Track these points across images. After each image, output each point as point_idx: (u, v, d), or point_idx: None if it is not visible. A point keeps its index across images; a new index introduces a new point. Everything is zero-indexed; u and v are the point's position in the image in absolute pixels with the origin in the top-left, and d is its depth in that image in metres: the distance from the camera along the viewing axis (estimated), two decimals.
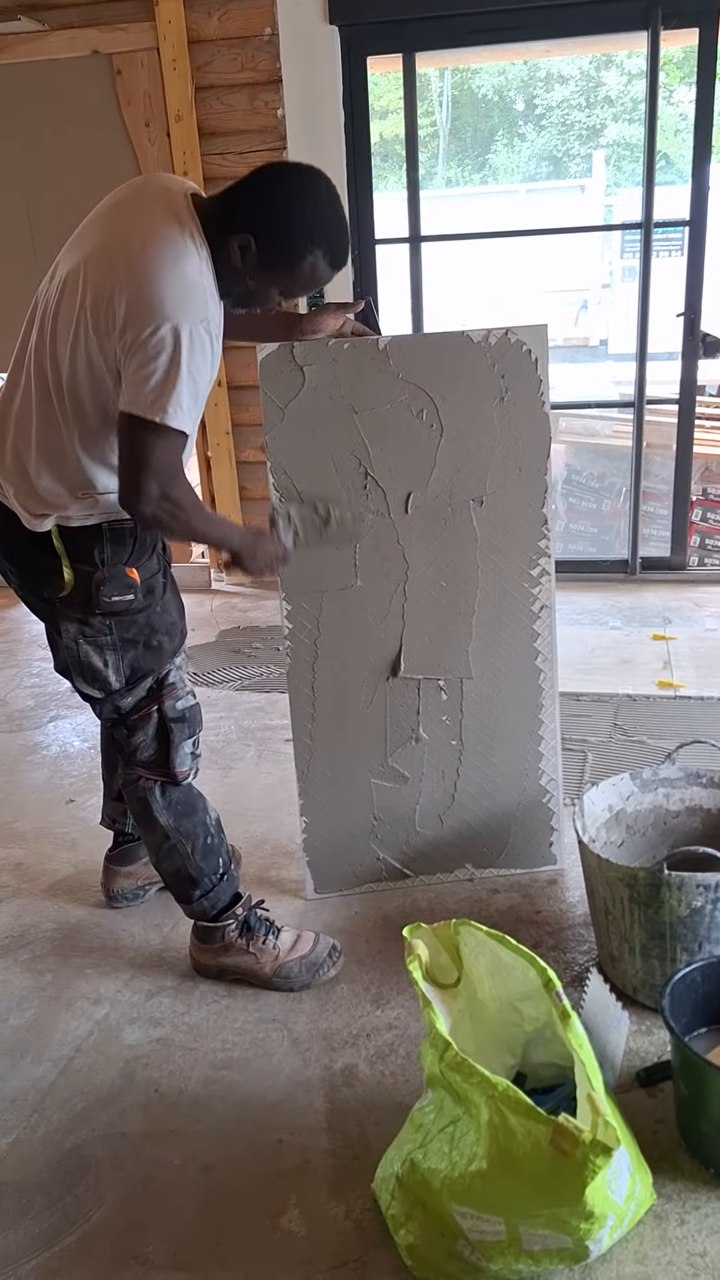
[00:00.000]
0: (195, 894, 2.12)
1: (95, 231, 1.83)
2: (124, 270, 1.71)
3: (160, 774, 2.07)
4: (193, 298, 1.70)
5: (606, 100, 17.07)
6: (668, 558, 4.60)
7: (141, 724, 2.04)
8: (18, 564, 2.00)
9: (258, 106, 3.98)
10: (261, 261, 1.78)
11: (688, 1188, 1.65)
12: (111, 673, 1.98)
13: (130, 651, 1.98)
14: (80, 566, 1.91)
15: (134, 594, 1.94)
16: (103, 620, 1.94)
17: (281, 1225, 1.65)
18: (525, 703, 2.42)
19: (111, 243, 1.77)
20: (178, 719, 2.05)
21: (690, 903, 1.87)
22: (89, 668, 1.98)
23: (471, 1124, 1.47)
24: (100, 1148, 1.81)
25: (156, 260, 1.70)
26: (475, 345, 2.19)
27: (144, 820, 2.10)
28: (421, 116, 4.12)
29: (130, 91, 4.01)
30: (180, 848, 2.09)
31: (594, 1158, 1.31)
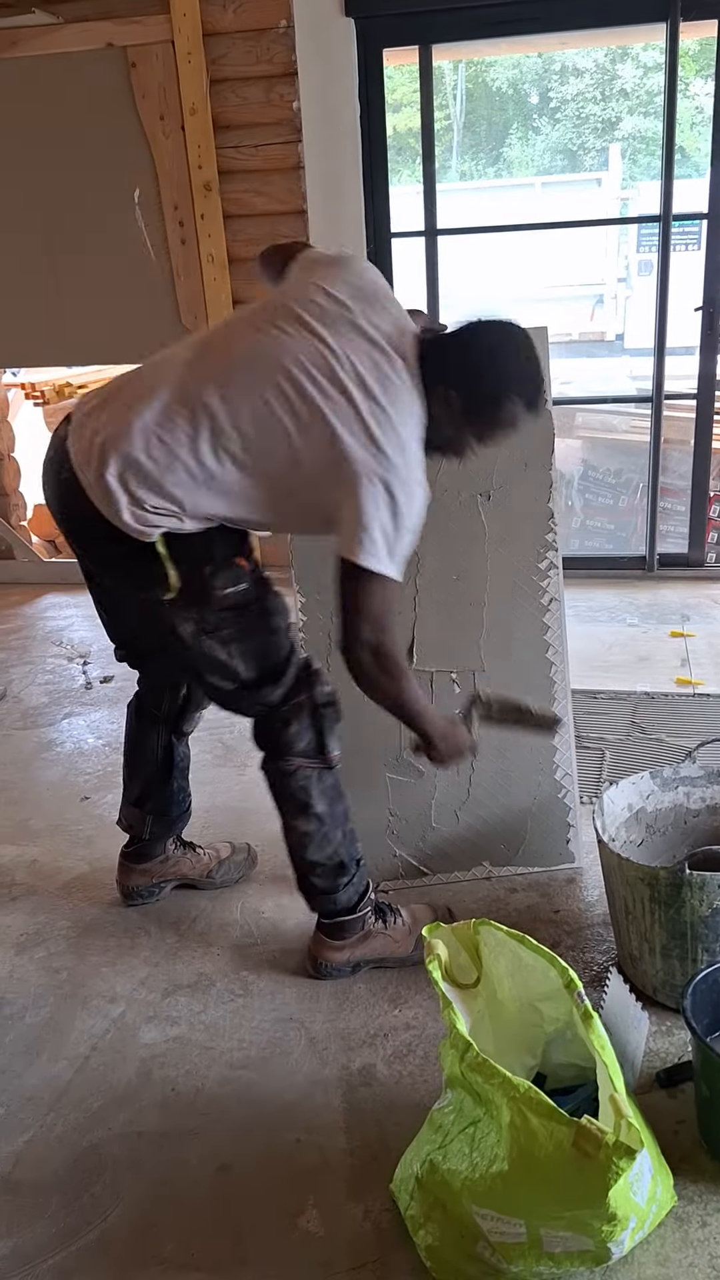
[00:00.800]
0: (343, 881, 2.12)
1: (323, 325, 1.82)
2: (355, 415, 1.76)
3: (318, 761, 2.07)
4: (414, 459, 1.80)
5: (622, 93, 16.98)
6: (686, 554, 4.57)
7: (295, 713, 2.03)
8: (118, 570, 1.98)
9: (273, 99, 3.96)
10: (464, 411, 1.86)
11: (709, 1189, 1.63)
12: (239, 663, 1.98)
13: (254, 639, 1.98)
14: (184, 567, 1.89)
15: (246, 583, 1.94)
16: (219, 614, 1.93)
17: (300, 1225, 1.64)
18: (537, 696, 2.40)
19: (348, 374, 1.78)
20: (327, 703, 2.06)
21: (712, 903, 1.85)
22: (214, 661, 1.97)
23: (492, 1125, 1.46)
24: (117, 1147, 1.80)
25: (386, 415, 1.77)
26: None
27: (299, 811, 2.08)
28: (436, 109, 4.09)
29: (145, 85, 4.00)
30: (333, 835, 2.10)
31: (617, 1159, 1.30)
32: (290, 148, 4.03)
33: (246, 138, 4.04)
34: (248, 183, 4.10)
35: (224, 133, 4.03)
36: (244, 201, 4.13)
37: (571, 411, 5.43)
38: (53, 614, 4.51)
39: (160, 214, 4.17)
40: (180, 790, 2.42)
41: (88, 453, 1.85)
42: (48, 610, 4.57)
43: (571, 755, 2.45)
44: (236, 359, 1.83)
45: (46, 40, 4.00)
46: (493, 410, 1.86)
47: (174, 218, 4.15)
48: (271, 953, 2.28)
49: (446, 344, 1.87)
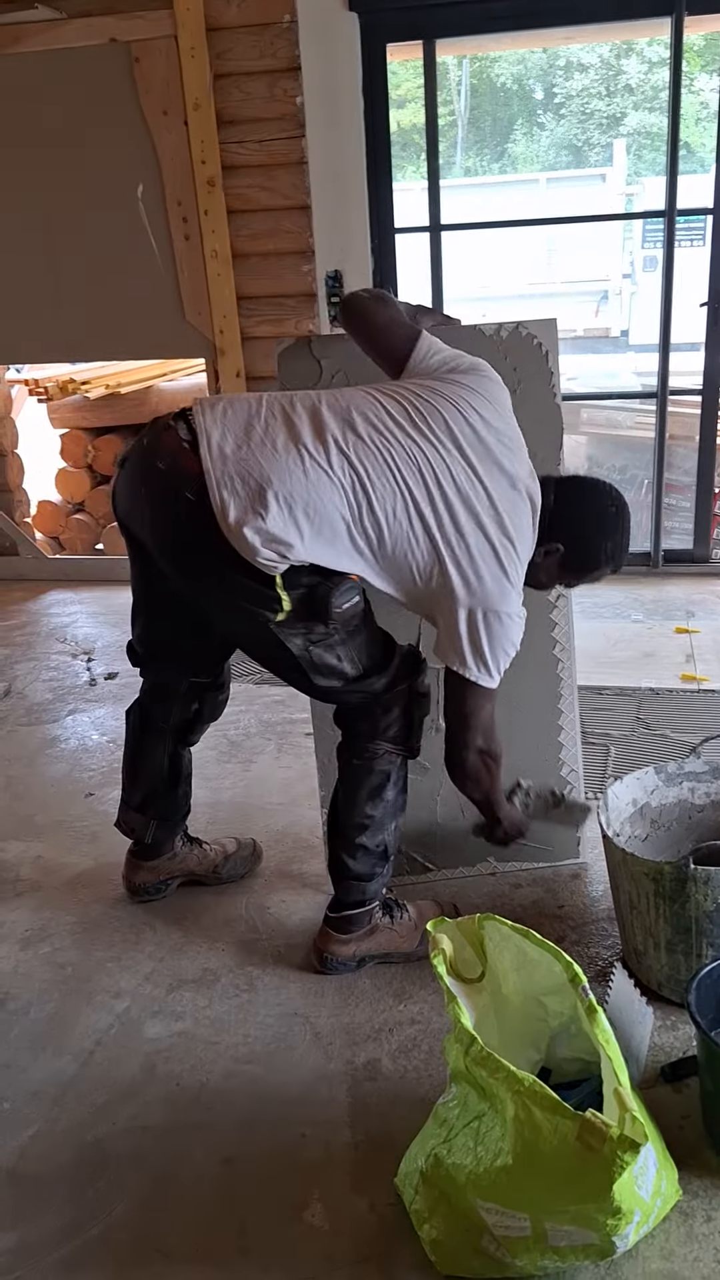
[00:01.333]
0: (381, 870, 2.15)
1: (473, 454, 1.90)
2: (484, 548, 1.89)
3: (404, 748, 2.10)
4: (517, 590, 1.95)
5: (627, 89, 16.95)
6: (690, 550, 4.56)
7: (396, 701, 2.06)
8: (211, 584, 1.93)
9: (276, 94, 3.96)
10: (563, 566, 2.06)
11: (714, 1184, 1.63)
12: (347, 664, 2.00)
13: (357, 639, 2.00)
14: (297, 591, 1.88)
15: (358, 595, 1.96)
16: (331, 625, 1.94)
17: (304, 1219, 1.64)
18: (544, 693, 2.42)
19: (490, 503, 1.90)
20: (424, 694, 2.10)
21: (716, 897, 1.85)
22: (324, 666, 1.98)
23: (497, 1119, 1.46)
24: (122, 1141, 1.81)
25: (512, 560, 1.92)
26: (487, 338, 2.23)
27: (372, 794, 2.10)
28: (440, 105, 4.09)
29: (148, 80, 3.99)
30: (388, 822, 2.13)
31: (622, 1153, 1.29)
32: (294, 143, 4.02)
33: (250, 133, 4.04)
34: (251, 178, 4.09)
35: (227, 128, 4.02)
36: (248, 197, 4.12)
37: (576, 408, 5.42)
38: (56, 610, 4.51)
39: (164, 209, 4.16)
40: (185, 795, 2.42)
41: (231, 480, 1.81)
42: (51, 607, 4.57)
43: (578, 751, 2.45)
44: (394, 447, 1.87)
45: (49, 36, 4.00)
46: (589, 571, 2.08)
47: (177, 213, 4.14)
48: (277, 948, 2.28)
49: (563, 504, 2.01)
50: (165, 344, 4.52)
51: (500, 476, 1.91)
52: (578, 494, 2.05)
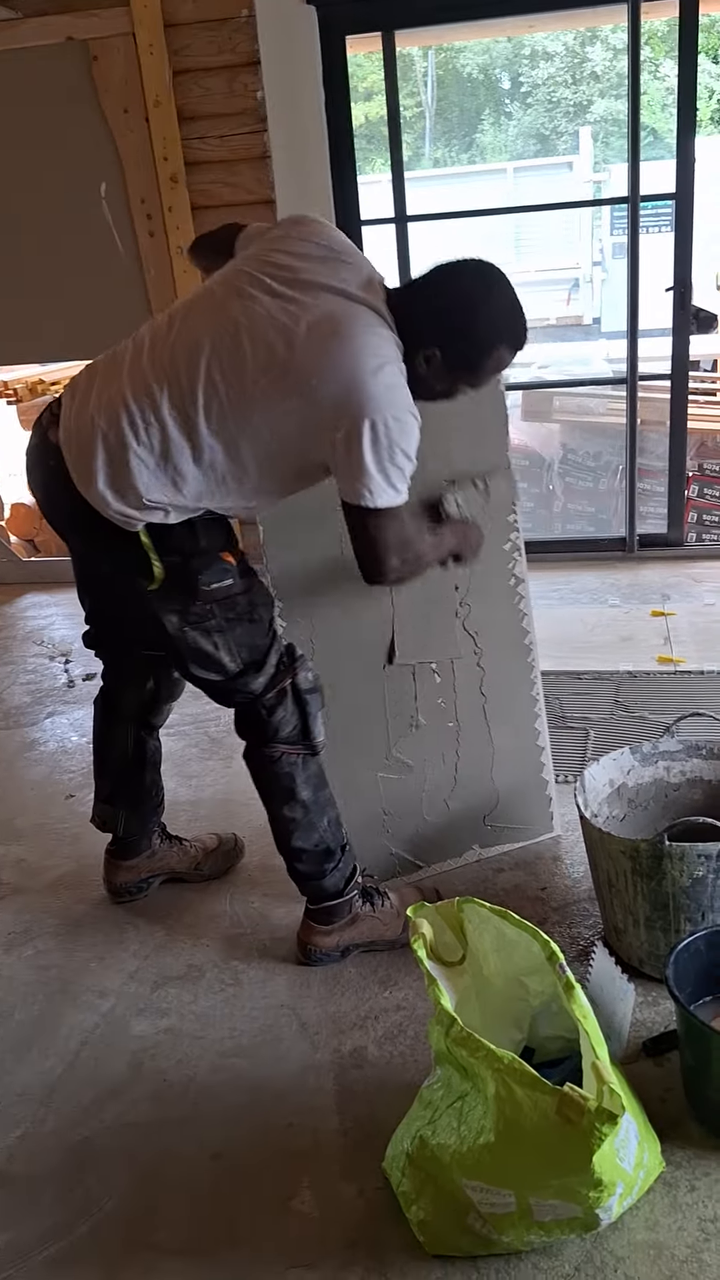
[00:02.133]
0: (329, 867, 2.12)
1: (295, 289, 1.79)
2: (338, 366, 1.73)
3: (302, 747, 2.07)
4: (398, 391, 1.77)
5: (593, 76, 16.98)
6: (665, 534, 4.57)
7: (279, 700, 2.03)
8: (104, 558, 1.99)
9: (236, 89, 3.95)
10: (447, 367, 1.85)
11: (697, 1155, 1.65)
12: (225, 655, 1.97)
13: (237, 629, 1.97)
14: (170, 559, 1.89)
15: (231, 578, 1.94)
16: (204, 606, 1.93)
17: (293, 1207, 1.64)
18: (515, 676, 2.45)
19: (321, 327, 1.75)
20: (311, 689, 2.07)
21: (692, 873, 1.86)
22: (200, 653, 1.97)
23: (479, 1098, 1.47)
24: (110, 1139, 1.81)
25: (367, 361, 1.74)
26: None
27: (284, 797, 2.08)
28: (407, 97, 4.10)
29: (107, 78, 3.98)
30: (318, 820, 2.10)
31: (600, 1125, 1.31)
32: (256, 137, 4.01)
33: (211, 129, 4.02)
34: (215, 174, 4.08)
35: (189, 124, 4.01)
36: (212, 193, 4.11)
37: (549, 396, 5.43)
38: (33, 613, 4.50)
39: (127, 207, 4.15)
40: (153, 784, 2.41)
41: (74, 440, 1.83)
42: (28, 610, 4.56)
43: (544, 722, 2.53)
44: (204, 332, 1.81)
45: (6, 35, 3.98)
46: (480, 361, 1.86)
47: (141, 211, 4.13)
48: (261, 941, 2.28)
49: (417, 301, 1.83)
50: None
51: (328, 295, 1.78)
52: (437, 284, 1.85)
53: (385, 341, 1.79)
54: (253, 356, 1.76)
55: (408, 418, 1.77)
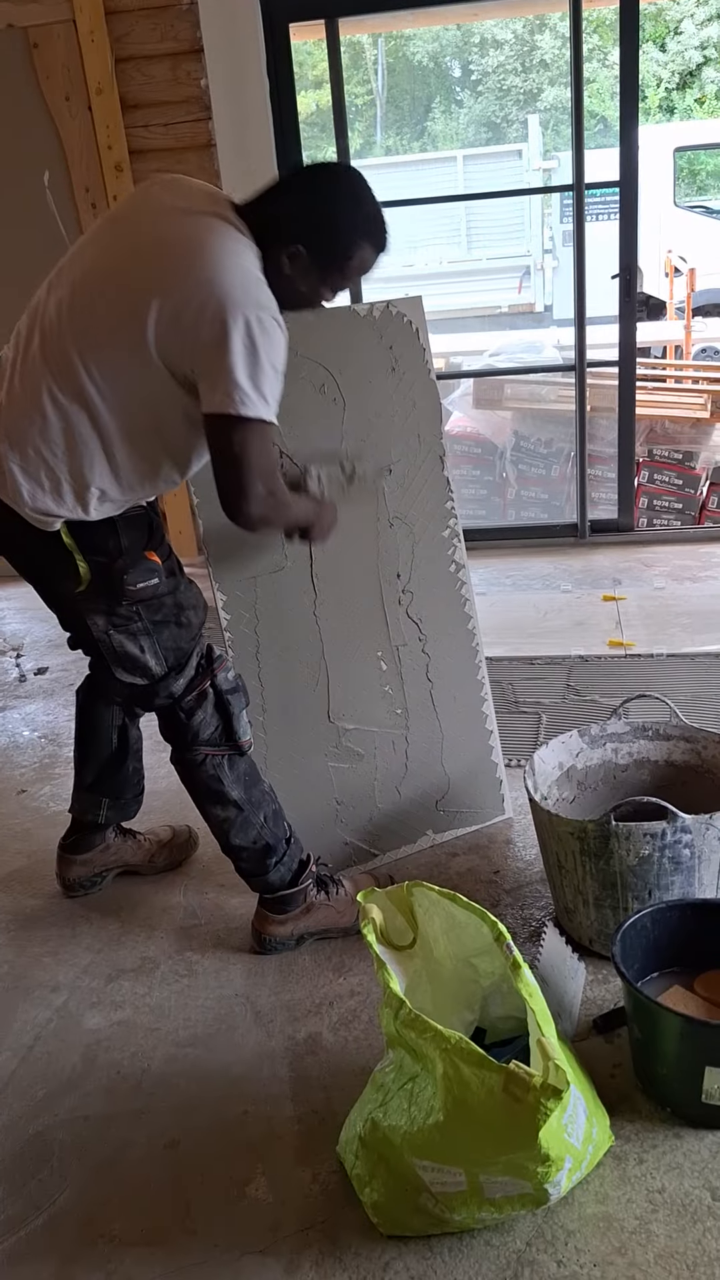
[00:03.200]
0: (272, 862, 2.11)
1: (130, 231, 1.78)
2: (187, 271, 1.69)
3: (227, 747, 2.05)
4: (260, 290, 1.71)
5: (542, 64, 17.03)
6: (616, 520, 4.60)
7: (199, 703, 2.01)
8: (30, 562, 1.96)
9: (180, 77, 3.91)
10: (313, 264, 1.80)
11: (645, 1128, 1.67)
12: (150, 658, 1.95)
13: (164, 632, 1.95)
14: (95, 559, 1.86)
15: (157, 577, 1.91)
16: (130, 607, 1.90)
17: (249, 1194, 1.65)
18: (460, 661, 2.47)
19: (163, 243, 1.72)
20: (232, 690, 2.04)
21: (639, 852, 1.89)
22: (126, 657, 1.94)
23: (428, 1079, 1.48)
24: (64, 1132, 1.80)
25: (219, 259, 1.69)
26: (362, 319, 2.28)
27: (215, 798, 2.07)
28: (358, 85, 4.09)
29: (48, 66, 3.93)
30: (253, 818, 2.08)
31: (545, 1100, 1.32)
32: (201, 125, 3.98)
33: (155, 116, 3.99)
34: (160, 162, 4.04)
35: (132, 112, 3.97)
36: None
37: (500, 383, 5.45)
38: None
39: (72, 196, 4.10)
40: (135, 772, 2.40)
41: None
42: None
43: (491, 706, 2.55)
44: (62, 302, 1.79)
45: None
46: (344, 258, 1.83)
47: (86, 200, 4.09)
48: (216, 932, 2.28)
49: (276, 200, 1.80)
50: None
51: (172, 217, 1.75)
52: (286, 185, 1.83)
53: (242, 246, 1.73)
54: (104, 295, 1.73)
55: (273, 324, 1.70)
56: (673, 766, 2.26)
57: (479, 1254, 1.51)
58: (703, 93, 16.26)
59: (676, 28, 15.88)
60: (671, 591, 3.96)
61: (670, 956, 1.85)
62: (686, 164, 12.98)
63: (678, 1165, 1.61)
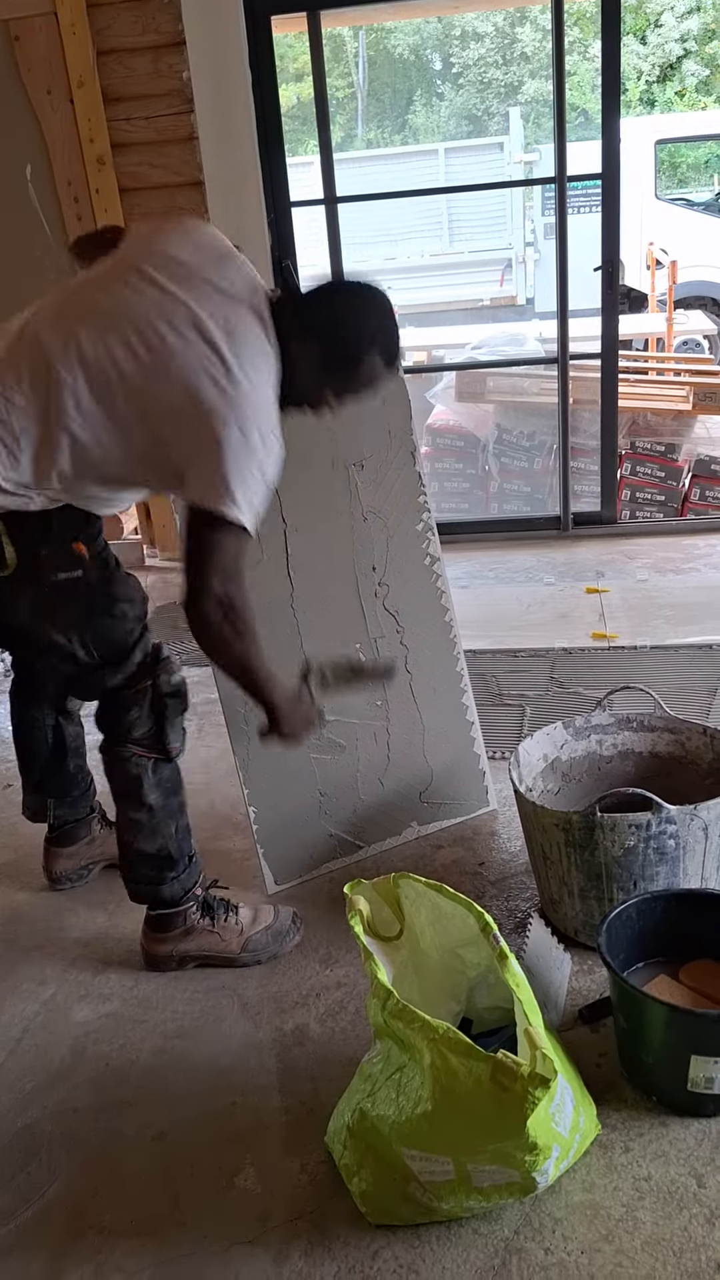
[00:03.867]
0: (170, 875, 2.08)
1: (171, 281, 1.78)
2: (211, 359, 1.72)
3: (155, 751, 2.03)
4: (270, 410, 1.76)
5: (523, 57, 17.03)
6: (599, 512, 4.63)
7: (136, 700, 1.99)
8: None
9: (161, 70, 3.90)
10: (323, 364, 1.85)
11: (631, 1117, 1.69)
12: (78, 648, 1.92)
13: (93, 623, 1.92)
14: (23, 544, 1.82)
15: (81, 569, 1.87)
16: (54, 597, 1.87)
17: (237, 1184, 1.66)
18: (438, 653, 2.49)
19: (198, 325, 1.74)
20: (172, 694, 2.01)
21: (624, 843, 1.90)
22: (51, 644, 1.91)
23: (416, 1068, 1.49)
24: (52, 1124, 1.81)
25: (243, 369, 1.73)
26: None
27: (130, 798, 2.05)
28: (339, 78, 4.09)
29: (29, 58, 3.91)
30: (164, 827, 2.05)
31: (533, 1089, 1.34)
32: (183, 118, 3.97)
33: (137, 109, 3.98)
34: (142, 155, 4.04)
35: (114, 105, 3.96)
36: (139, 174, 4.06)
37: (483, 376, 5.46)
38: None
39: (54, 190, 4.08)
40: (78, 770, 2.38)
41: None
42: None
43: (471, 698, 2.55)
44: (79, 316, 1.78)
45: None
46: (353, 365, 1.86)
47: (68, 193, 4.07)
48: None
49: (304, 300, 1.86)
50: None
51: (208, 290, 1.77)
52: (326, 290, 1.91)
53: (263, 354, 1.78)
54: (131, 344, 1.74)
55: (272, 438, 1.75)
56: (657, 758, 2.27)
57: (467, 1242, 1.52)
58: (683, 85, 16.30)
59: (657, 20, 15.91)
60: (654, 584, 3.99)
61: (655, 947, 1.87)
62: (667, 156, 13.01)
63: (664, 1153, 1.63)
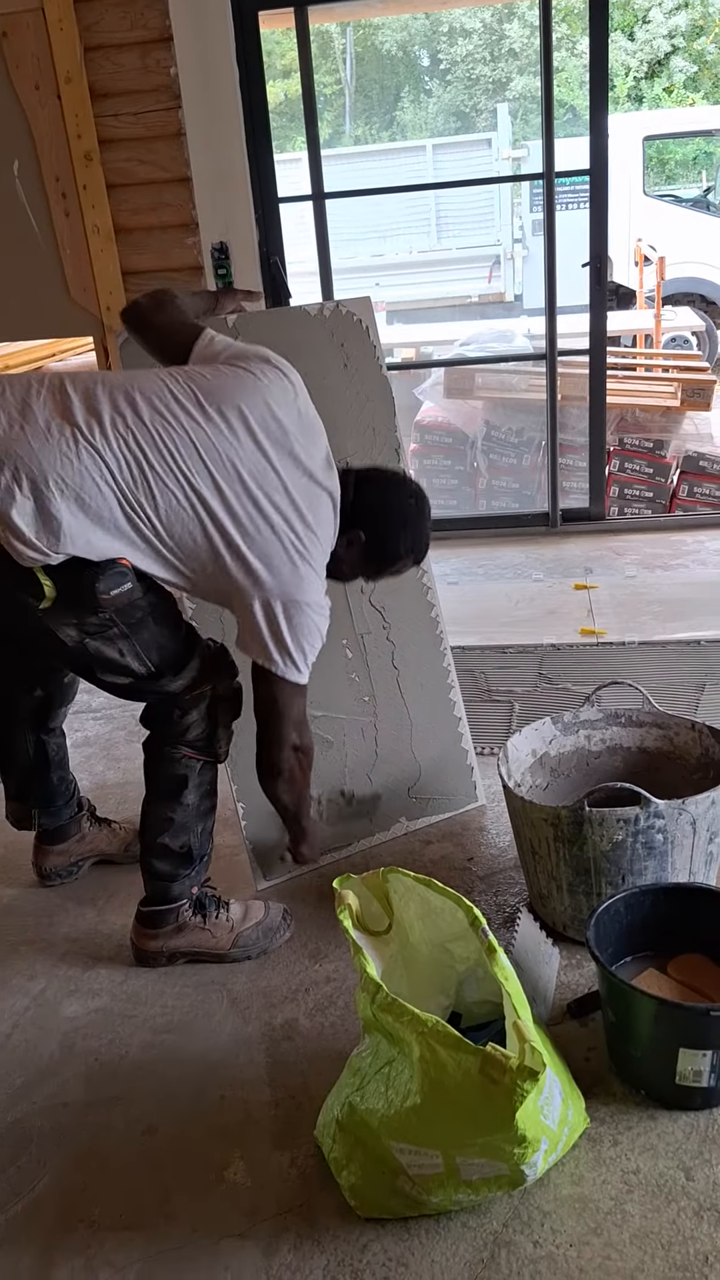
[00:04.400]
0: (184, 873, 2.09)
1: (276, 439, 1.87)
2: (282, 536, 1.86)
3: (205, 754, 2.05)
4: (319, 585, 1.92)
5: (511, 53, 17.03)
6: (587, 509, 4.63)
7: (196, 703, 2.00)
8: None
9: (149, 65, 3.88)
10: (365, 556, 2.03)
11: (619, 1110, 1.70)
12: (133, 661, 1.90)
13: (143, 633, 1.90)
14: (62, 576, 1.78)
15: (130, 581, 1.84)
16: (104, 615, 1.83)
17: (226, 1178, 1.67)
18: (424, 648, 2.51)
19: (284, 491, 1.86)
20: (229, 698, 2.05)
21: (612, 837, 1.91)
22: (105, 660, 1.89)
23: (405, 1062, 1.50)
24: (42, 1119, 1.81)
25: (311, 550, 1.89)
26: (313, 318, 2.36)
27: (171, 796, 2.05)
28: (326, 74, 4.08)
29: (17, 54, 3.89)
30: (193, 826, 2.07)
31: (522, 1082, 1.34)
32: (171, 114, 3.96)
33: (125, 105, 3.96)
34: (130, 151, 4.02)
35: (102, 101, 3.94)
36: (127, 170, 4.05)
37: (471, 373, 5.46)
38: None
39: (41, 186, 4.07)
40: (61, 781, 2.38)
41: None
42: None
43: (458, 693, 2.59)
44: (175, 428, 1.80)
45: None
46: (391, 562, 2.07)
47: (56, 189, 4.06)
48: None
49: (364, 493, 2.00)
50: (51, 323, 4.42)
51: (294, 465, 1.88)
52: (378, 486, 2.04)
53: (326, 534, 1.93)
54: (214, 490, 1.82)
55: (325, 606, 1.92)
56: (645, 753, 2.28)
57: (456, 1235, 1.53)
58: (671, 81, 16.32)
59: (645, 16, 15.93)
60: (643, 580, 3.99)
61: (644, 941, 1.88)
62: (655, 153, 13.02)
63: (652, 1146, 1.64)
